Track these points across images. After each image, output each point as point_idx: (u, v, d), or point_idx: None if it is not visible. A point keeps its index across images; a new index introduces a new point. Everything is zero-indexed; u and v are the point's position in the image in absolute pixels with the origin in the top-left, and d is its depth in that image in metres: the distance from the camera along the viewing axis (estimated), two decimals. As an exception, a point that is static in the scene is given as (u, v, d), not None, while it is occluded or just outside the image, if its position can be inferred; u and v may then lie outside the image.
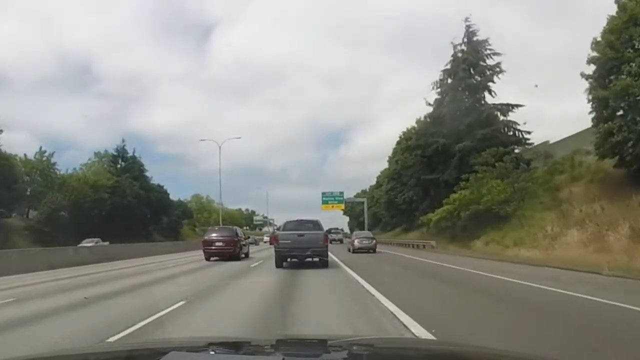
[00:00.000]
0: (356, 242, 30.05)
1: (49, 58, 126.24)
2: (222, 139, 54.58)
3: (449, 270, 16.14)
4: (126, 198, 67.61)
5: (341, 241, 55.58)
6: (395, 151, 56.42)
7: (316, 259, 16.31)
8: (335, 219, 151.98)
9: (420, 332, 5.64)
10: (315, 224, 16.93)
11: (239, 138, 53.59)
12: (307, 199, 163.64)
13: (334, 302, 8.69)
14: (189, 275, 15.22)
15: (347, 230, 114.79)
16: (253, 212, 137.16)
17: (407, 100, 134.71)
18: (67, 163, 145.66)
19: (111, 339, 5.42)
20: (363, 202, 78.53)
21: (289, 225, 17.20)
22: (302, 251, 15.89)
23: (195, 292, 10.25)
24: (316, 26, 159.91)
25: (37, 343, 5.36)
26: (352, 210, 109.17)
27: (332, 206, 71.88)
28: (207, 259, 21.89)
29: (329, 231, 23.37)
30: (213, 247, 22.11)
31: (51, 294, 10.43)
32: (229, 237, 22.57)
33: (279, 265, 16.19)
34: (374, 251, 29.00)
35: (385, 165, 68.51)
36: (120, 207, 64.22)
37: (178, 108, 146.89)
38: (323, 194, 70.58)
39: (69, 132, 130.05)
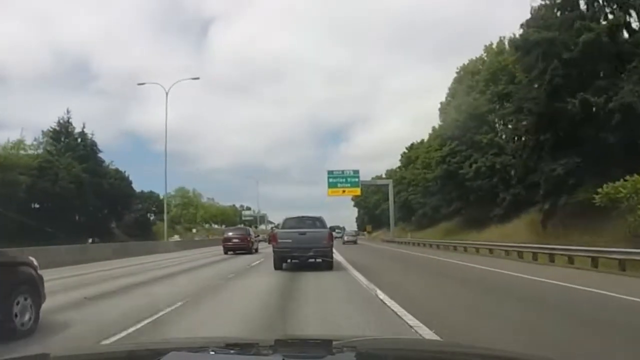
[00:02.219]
0: (345, 238, 47.00)
1: (46, 55, 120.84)
2: (171, 82, 35.43)
3: None
4: (59, 183, 49.11)
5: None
6: (453, 92, 35.99)
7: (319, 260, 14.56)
8: (338, 209, 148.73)
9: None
10: (318, 221, 15.36)
11: (197, 78, 33.67)
12: (307, 197, 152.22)
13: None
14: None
15: (353, 228, 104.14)
16: (247, 208, 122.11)
17: (407, 98, 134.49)
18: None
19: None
20: (387, 186, 58.14)
21: (289, 223, 15.43)
22: (303, 251, 14.13)
23: None
24: (316, 23, 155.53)
25: None
26: (365, 200, 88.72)
27: (344, 191, 49.93)
28: (225, 252, 25.12)
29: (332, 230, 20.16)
30: (230, 243, 26.03)
31: None
32: (243, 235, 27.02)
33: (277, 266, 14.50)
34: (356, 243, 43.93)
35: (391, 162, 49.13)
36: (52, 195, 46.14)
37: (177, 106, 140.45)
38: (330, 173, 49.45)
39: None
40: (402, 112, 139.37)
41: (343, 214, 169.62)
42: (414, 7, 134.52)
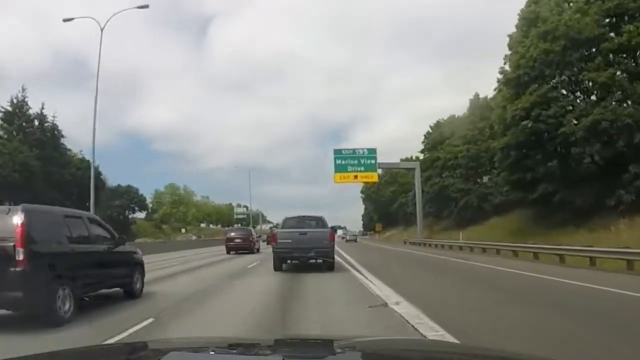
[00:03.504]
0: (348, 237, 61.81)
1: (43, 53, 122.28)
2: (106, 18, 24.59)
3: None
4: (-1, 172, 39.74)
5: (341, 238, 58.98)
6: (530, 19, 24.61)
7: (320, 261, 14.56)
8: (340, 209, 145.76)
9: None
10: (319, 221, 15.34)
11: (146, 7, 21.67)
12: (308, 197, 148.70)
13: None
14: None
15: (358, 227, 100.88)
16: (244, 207, 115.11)
17: (407, 98, 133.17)
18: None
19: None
20: (407, 176, 46.89)
21: (289, 222, 15.37)
22: (304, 252, 14.04)
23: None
24: (316, 23, 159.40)
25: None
26: (378, 193, 77.76)
27: (356, 176, 39.47)
28: (228, 252, 26.40)
29: (334, 230, 17.59)
30: (232, 243, 27.56)
31: None
32: (245, 235, 28.69)
33: (277, 267, 14.28)
34: (356, 241, 55.45)
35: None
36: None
37: (176, 105, 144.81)
38: (337, 153, 39.15)
39: (65, 129, 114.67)
40: (403, 112, 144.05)
41: (345, 213, 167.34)
42: (414, 7, 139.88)
